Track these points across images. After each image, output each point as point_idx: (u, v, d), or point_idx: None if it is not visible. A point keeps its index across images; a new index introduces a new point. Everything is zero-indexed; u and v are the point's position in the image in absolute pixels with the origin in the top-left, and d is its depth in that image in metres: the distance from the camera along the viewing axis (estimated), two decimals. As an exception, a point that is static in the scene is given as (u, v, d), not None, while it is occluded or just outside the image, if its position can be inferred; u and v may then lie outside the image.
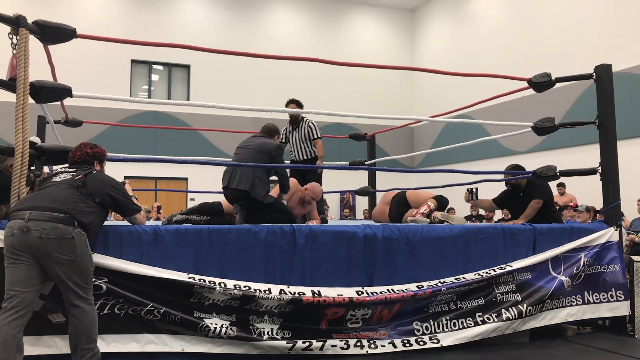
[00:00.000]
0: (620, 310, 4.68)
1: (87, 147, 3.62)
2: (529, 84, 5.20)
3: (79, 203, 3.21)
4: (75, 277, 3.08)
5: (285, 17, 17.65)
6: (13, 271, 3.02)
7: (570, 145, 11.77)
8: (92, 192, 3.30)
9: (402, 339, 3.94)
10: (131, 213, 3.59)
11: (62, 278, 3.05)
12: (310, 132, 6.48)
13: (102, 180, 3.41)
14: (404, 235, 4.26)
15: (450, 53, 17.18)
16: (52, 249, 3.01)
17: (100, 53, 14.24)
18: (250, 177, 4.60)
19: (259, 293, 3.63)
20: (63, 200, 3.17)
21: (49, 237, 3.01)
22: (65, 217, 3.08)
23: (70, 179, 3.34)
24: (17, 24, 3.44)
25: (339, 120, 16.46)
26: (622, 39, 11.57)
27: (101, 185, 3.36)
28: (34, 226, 3.00)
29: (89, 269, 3.17)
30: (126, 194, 3.54)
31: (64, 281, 3.06)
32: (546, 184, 5.47)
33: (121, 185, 3.57)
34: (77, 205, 3.18)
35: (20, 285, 2.99)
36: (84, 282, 3.12)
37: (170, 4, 16.29)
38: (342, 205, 16.61)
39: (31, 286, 3.02)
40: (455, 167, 14.67)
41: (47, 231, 3.01)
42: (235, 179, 4.63)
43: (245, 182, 4.58)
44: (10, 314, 2.95)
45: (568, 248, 4.61)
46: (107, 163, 3.77)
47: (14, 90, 3.43)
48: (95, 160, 3.61)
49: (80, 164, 3.53)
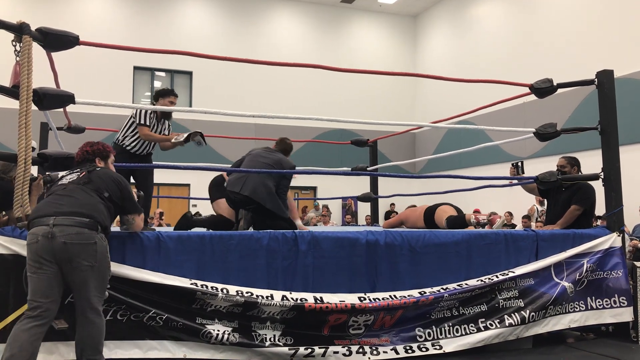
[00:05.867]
0: (623, 316, 4.66)
1: (87, 145, 3.57)
2: (531, 90, 5.20)
3: (99, 204, 3.18)
4: (92, 284, 3.03)
5: (288, 24, 17.71)
6: (35, 280, 2.99)
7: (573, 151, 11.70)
8: (99, 187, 3.26)
9: (405, 345, 3.93)
10: (133, 210, 3.48)
11: (79, 285, 3.02)
12: None
13: (107, 174, 3.38)
14: (406, 241, 4.26)
15: (452, 59, 17.20)
16: (75, 254, 2.98)
17: (103, 60, 14.30)
18: (262, 187, 4.63)
19: (261, 299, 3.63)
20: (86, 203, 3.14)
21: (73, 243, 2.98)
22: (90, 222, 3.06)
23: (76, 179, 3.31)
24: (21, 31, 3.46)
25: (341, 126, 16.48)
26: (624, 45, 11.59)
27: (107, 178, 3.33)
28: (59, 231, 2.97)
29: (106, 277, 3.15)
30: (131, 191, 3.48)
31: (80, 289, 3.03)
32: (592, 191, 5.20)
33: (126, 181, 3.50)
34: (98, 207, 3.16)
35: (41, 296, 2.97)
36: (98, 290, 3.08)
37: (172, 11, 16.36)
38: (345, 211, 16.59)
39: (51, 296, 3.00)
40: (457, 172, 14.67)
41: (72, 236, 2.99)
42: (249, 186, 4.65)
43: (261, 191, 4.62)
44: (31, 320, 2.94)
45: (571, 254, 4.59)
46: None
47: (17, 97, 3.44)
48: (97, 157, 3.54)
49: (83, 164, 3.49)
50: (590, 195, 5.20)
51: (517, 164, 5.65)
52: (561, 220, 5.18)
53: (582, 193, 5.18)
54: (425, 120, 16.03)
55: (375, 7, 18.53)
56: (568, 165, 5.36)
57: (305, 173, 6.32)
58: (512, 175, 5.71)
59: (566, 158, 5.43)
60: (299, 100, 16.78)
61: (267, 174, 4.71)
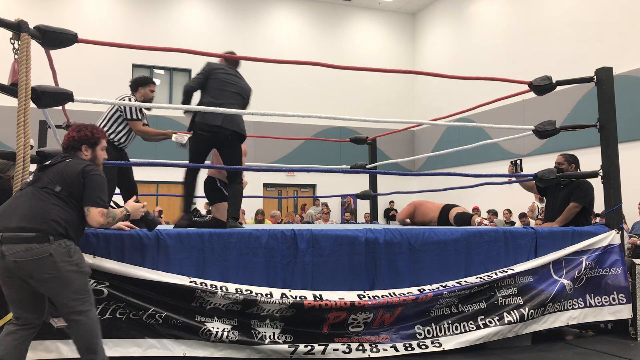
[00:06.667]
0: (622, 313, 4.66)
1: (74, 129, 3.22)
2: (530, 87, 5.20)
3: (50, 207, 2.90)
4: (63, 292, 2.86)
5: (287, 21, 17.69)
6: (6, 293, 2.91)
7: (572, 149, 11.70)
8: (50, 182, 2.96)
9: (404, 343, 3.93)
10: (88, 202, 2.98)
11: (51, 295, 2.92)
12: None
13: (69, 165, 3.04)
14: (405, 239, 4.26)
15: (451, 56, 17.20)
16: (32, 271, 2.79)
17: (102, 57, 14.29)
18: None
19: (260, 297, 3.63)
20: (33, 212, 2.87)
21: (25, 260, 2.77)
22: (37, 236, 2.79)
23: (31, 179, 3.08)
24: (19, 29, 3.45)
25: (340, 124, 16.49)
26: (623, 42, 11.58)
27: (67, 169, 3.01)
28: (7, 250, 2.77)
29: (77, 279, 2.90)
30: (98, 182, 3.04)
31: (54, 298, 2.92)
32: (590, 188, 5.21)
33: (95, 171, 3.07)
34: (48, 213, 2.87)
35: (17, 307, 2.92)
36: (74, 294, 2.88)
37: (171, 9, 16.33)
38: (344, 209, 16.60)
39: (26, 307, 2.92)
40: (456, 170, 14.68)
41: (21, 254, 2.76)
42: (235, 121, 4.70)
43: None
44: (17, 325, 2.92)
45: (570, 251, 4.60)
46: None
47: (15, 95, 3.44)
48: (84, 144, 3.20)
49: (67, 151, 3.19)
50: (588, 192, 5.21)
51: (516, 161, 5.65)
52: (560, 217, 5.18)
53: (581, 190, 5.19)
54: (424, 118, 16.03)
55: (374, 4, 18.51)
56: (565, 162, 5.37)
57: (305, 171, 6.31)
58: (511, 173, 5.72)
59: (564, 155, 5.44)
60: (298, 97, 16.77)
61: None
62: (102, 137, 3.29)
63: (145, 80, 5.13)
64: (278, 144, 14.89)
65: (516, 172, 5.62)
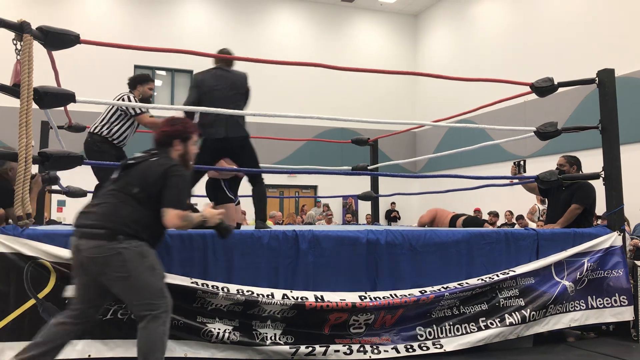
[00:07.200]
0: (624, 315, 4.66)
1: (167, 123, 3.13)
2: (532, 89, 5.19)
3: (122, 207, 2.90)
4: (132, 294, 2.86)
5: (289, 23, 17.70)
6: (75, 285, 2.96)
7: (573, 150, 11.69)
8: (128, 183, 2.95)
9: (405, 344, 3.93)
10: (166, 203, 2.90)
11: (119, 296, 2.91)
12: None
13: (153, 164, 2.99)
14: (407, 240, 4.26)
15: (453, 58, 17.20)
16: (102, 268, 2.82)
17: (104, 58, 14.28)
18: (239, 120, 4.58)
19: (262, 298, 3.63)
20: (104, 211, 2.91)
21: (96, 257, 2.81)
22: (106, 233, 2.82)
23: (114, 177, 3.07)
24: (21, 30, 3.46)
25: (342, 125, 16.47)
26: (625, 44, 11.57)
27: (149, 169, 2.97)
28: (83, 245, 2.85)
29: (149, 282, 2.86)
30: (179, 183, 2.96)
31: (123, 299, 2.93)
32: (592, 190, 5.21)
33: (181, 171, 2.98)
34: (119, 213, 2.88)
35: (79, 301, 2.93)
36: (143, 298, 2.85)
37: (173, 10, 16.35)
38: (345, 210, 16.61)
39: (88, 302, 2.93)
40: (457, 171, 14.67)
41: (92, 250, 2.82)
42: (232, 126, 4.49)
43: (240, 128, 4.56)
44: (70, 317, 2.90)
45: (571, 253, 4.59)
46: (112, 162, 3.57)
47: (18, 96, 3.45)
48: (176, 139, 3.09)
49: (158, 146, 3.12)
50: (590, 194, 5.21)
51: (519, 162, 5.66)
52: (561, 219, 5.18)
53: (582, 192, 5.18)
54: (425, 119, 16.02)
55: (376, 6, 18.52)
56: (567, 164, 5.37)
57: (306, 172, 6.32)
58: (514, 173, 5.72)
59: (566, 157, 5.44)
60: (299, 99, 16.77)
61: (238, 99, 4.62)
62: (194, 132, 3.21)
63: (144, 78, 5.12)
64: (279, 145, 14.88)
65: (519, 173, 5.62)
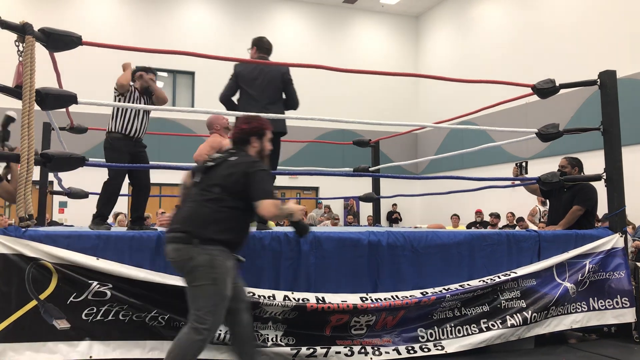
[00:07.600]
0: (625, 317, 4.65)
1: (244, 122, 3.11)
2: (533, 90, 5.19)
3: (201, 210, 2.88)
4: (190, 299, 2.88)
5: (290, 24, 17.71)
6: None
7: (575, 152, 11.68)
8: (209, 185, 2.93)
9: (406, 346, 3.92)
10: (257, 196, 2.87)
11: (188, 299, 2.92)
12: None
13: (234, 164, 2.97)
14: (408, 242, 4.26)
15: (455, 59, 17.19)
16: (180, 270, 2.92)
17: (105, 60, 14.26)
18: None
19: (263, 299, 3.63)
20: (184, 214, 2.94)
21: (175, 260, 2.91)
22: (183, 237, 2.83)
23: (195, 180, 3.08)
24: (24, 32, 3.47)
25: (343, 126, 16.48)
26: (627, 45, 11.57)
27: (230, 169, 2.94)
28: (167, 249, 2.96)
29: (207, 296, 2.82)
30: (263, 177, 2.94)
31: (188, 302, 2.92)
32: (593, 191, 5.21)
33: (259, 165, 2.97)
34: (197, 216, 2.87)
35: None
36: (197, 309, 2.83)
37: (174, 11, 16.37)
38: (346, 211, 16.60)
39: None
40: (459, 173, 14.66)
41: (171, 254, 2.91)
42: None
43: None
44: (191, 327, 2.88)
45: (573, 254, 4.59)
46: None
47: (20, 98, 3.46)
48: (253, 136, 3.08)
49: (236, 144, 3.11)
50: (592, 195, 5.21)
51: (521, 164, 5.66)
52: (563, 220, 5.18)
53: (584, 193, 5.18)
54: (427, 121, 16.03)
55: (377, 7, 18.52)
56: (569, 165, 5.37)
57: (307, 174, 6.33)
58: (515, 174, 5.72)
59: (567, 158, 5.44)
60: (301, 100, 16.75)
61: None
62: (269, 128, 3.19)
63: (145, 69, 5.13)
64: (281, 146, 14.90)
65: (521, 174, 5.63)
